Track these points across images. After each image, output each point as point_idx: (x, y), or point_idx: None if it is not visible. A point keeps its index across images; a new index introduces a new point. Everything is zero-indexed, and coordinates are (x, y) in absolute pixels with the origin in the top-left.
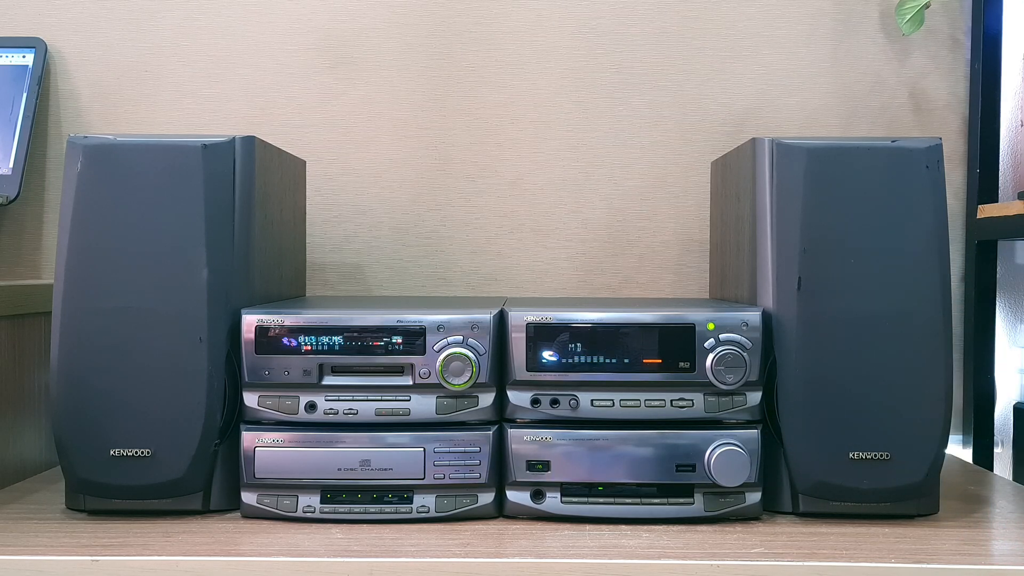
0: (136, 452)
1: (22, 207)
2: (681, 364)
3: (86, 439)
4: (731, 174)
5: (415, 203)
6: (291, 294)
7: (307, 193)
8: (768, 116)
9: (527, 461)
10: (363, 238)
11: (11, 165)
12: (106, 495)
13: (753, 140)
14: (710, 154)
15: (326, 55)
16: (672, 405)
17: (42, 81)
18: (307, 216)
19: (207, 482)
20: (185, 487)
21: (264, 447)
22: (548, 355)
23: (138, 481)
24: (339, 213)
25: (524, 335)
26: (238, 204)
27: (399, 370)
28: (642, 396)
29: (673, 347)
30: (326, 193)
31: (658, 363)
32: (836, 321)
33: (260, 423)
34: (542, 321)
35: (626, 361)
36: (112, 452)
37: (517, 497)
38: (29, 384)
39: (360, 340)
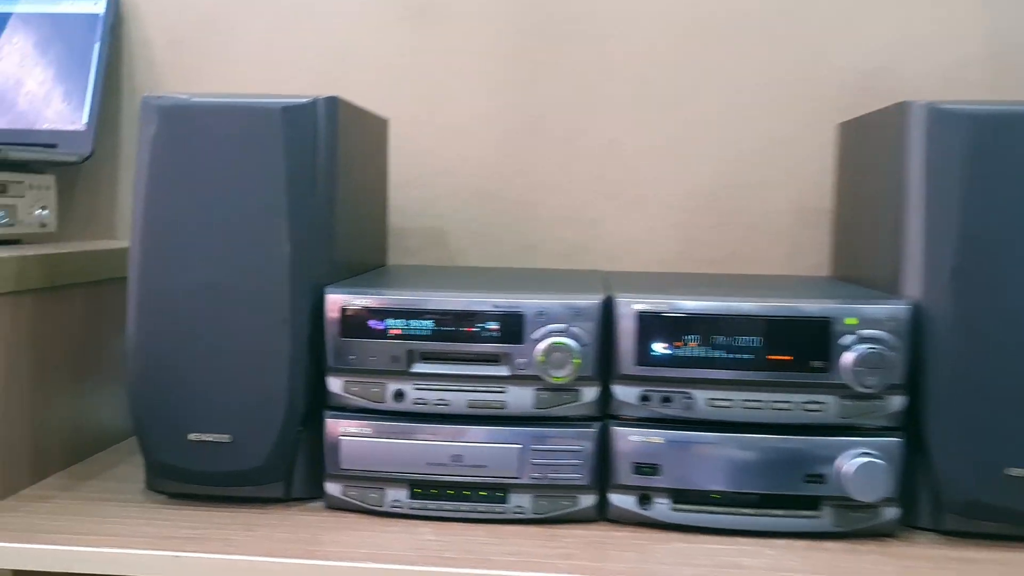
0: (215, 437)
1: (97, 164)
2: (813, 363)
3: (164, 423)
4: (868, 140)
5: (501, 165)
6: (373, 263)
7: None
8: (904, 72)
9: (634, 463)
10: (445, 202)
11: (84, 120)
12: (185, 480)
13: (902, 104)
14: (834, 114)
15: (408, 4)
16: (801, 408)
17: (114, 30)
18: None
19: (289, 470)
20: (266, 475)
21: (349, 437)
22: (660, 348)
23: (218, 468)
24: (420, 174)
25: (633, 325)
26: (320, 172)
27: (494, 359)
28: (766, 397)
29: (805, 343)
30: (408, 153)
31: (786, 360)
32: (999, 318)
33: (345, 409)
34: (654, 310)
35: (749, 357)
36: (191, 437)
37: (621, 501)
38: (108, 350)
39: (452, 325)
